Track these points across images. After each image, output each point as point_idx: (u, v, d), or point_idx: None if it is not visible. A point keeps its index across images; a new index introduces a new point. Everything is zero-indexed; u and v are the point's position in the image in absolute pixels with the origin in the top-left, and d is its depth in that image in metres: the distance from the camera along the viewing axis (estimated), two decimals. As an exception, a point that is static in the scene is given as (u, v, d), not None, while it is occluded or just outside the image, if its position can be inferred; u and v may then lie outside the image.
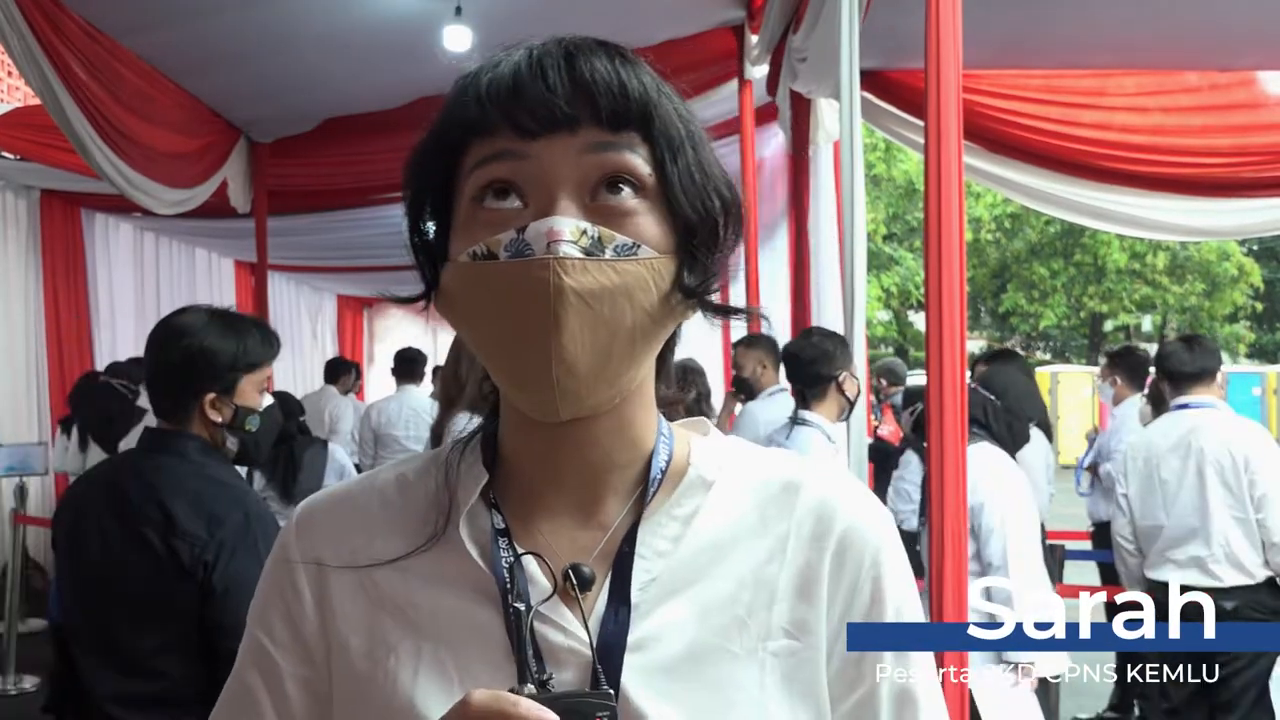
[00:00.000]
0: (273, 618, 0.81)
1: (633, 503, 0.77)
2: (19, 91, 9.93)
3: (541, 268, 0.67)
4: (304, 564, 0.80)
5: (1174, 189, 5.16)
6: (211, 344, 1.91)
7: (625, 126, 0.71)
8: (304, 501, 0.84)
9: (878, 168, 19.65)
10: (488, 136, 0.71)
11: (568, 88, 0.70)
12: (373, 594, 0.77)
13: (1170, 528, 3.76)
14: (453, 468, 0.80)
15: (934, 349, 2.36)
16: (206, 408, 1.93)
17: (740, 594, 0.75)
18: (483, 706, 0.60)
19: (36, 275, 7.50)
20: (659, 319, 0.72)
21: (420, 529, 0.78)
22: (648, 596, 0.74)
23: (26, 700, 5.42)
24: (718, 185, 0.75)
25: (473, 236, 0.71)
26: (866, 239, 3.80)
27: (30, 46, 4.17)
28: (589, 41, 0.74)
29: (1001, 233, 21.81)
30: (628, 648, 0.72)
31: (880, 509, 0.81)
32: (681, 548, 0.76)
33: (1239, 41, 4.51)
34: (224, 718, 0.83)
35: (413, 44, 5.42)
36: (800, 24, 4.14)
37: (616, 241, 0.69)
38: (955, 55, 2.37)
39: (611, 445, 0.77)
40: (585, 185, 0.70)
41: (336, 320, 13.74)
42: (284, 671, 0.79)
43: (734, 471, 0.80)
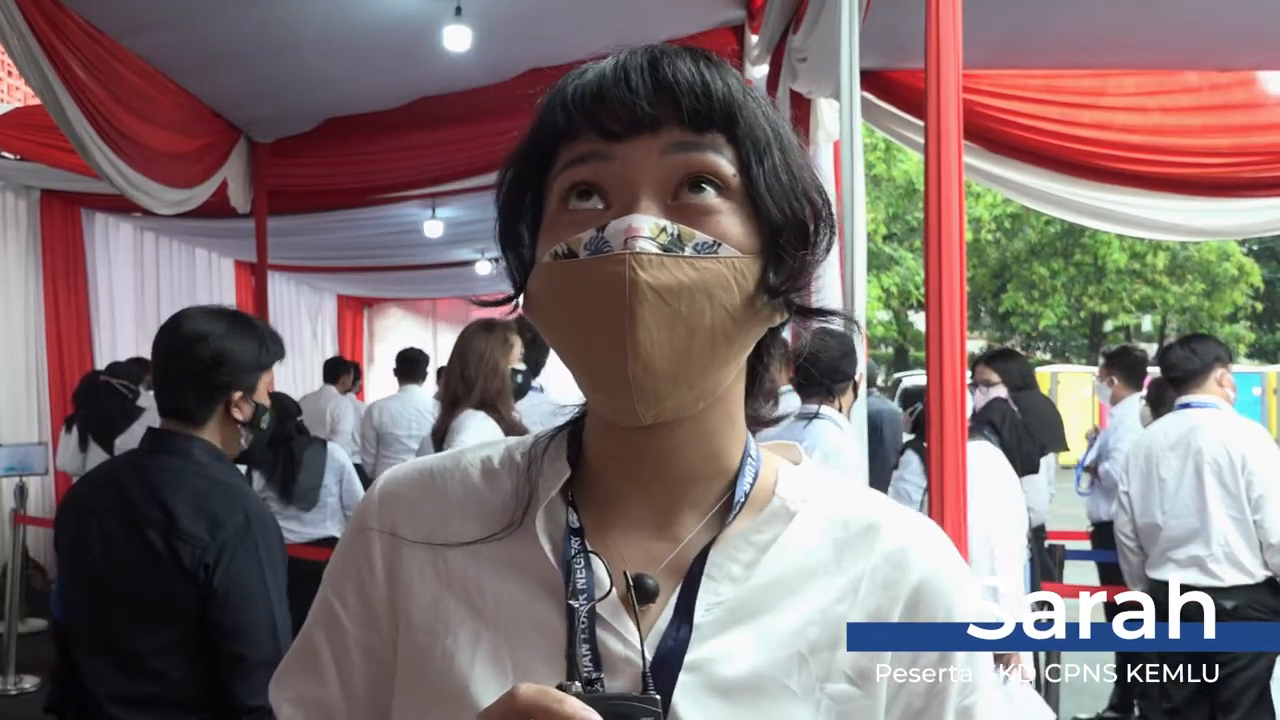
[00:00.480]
0: (345, 583, 0.82)
1: (709, 520, 0.77)
2: (19, 91, 9.93)
3: (618, 263, 0.67)
4: (380, 533, 0.81)
5: (1174, 189, 5.16)
6: (236, 345, 1.95)
7: (709, 127, 0.71)
8: (389, 471, 0.85)
9: (878, 168, 19.66)
10: (573, 141, 0.72)
11: (650, 89, 0.70)
12: (443, 573, 0.78)
13: (1169, 527, 3.76)
14: (536, 460, 0.80)
15: (934, 349, 2.36)
16: (232, 407, 1.97)
17: (806, 630, 0.74)
18: (528, 700, 0.60)
19: (36, 275, 7.50)
20: (741, 320, 0.71)
21: (498, 516, 0.79)
22: (711, 619, 0.73)
23: (26, 700, 5.42)
24: (807, 188, 0.75)
25: (556, 236, 0.71)
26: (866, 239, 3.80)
27: (30, 46, 4.17)
28: (675, 47, 0.73)
29: (1001, 233, 21.82)
30: (684, 667, 0.72)
31: (960, 563, 0.80)
32: (754, 575, 0.75)
33: (1239, 41, 4.51)
34: (290, 672, 0.85)
35: (413, 44, 5.42)
36: (800, 24, 4.14)
37: (696, 239, 0.69)
38: (955, 55, 2.37)
39: (693, 455, 0.76)
40: (668, 185, 0.70)
41: (336, 320, 13.73)
42: (349, 636, 0.81)
43: (817, 504, 0.79)
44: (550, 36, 5.28)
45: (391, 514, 0.81)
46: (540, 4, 5.30)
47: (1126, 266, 21.29)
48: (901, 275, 21.15)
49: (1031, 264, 22.27)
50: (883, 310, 22.20)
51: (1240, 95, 4.95)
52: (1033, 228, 21.64)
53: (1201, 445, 3.71)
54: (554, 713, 0.60)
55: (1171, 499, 3.76)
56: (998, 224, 21.32)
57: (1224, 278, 21.06)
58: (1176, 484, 3.75)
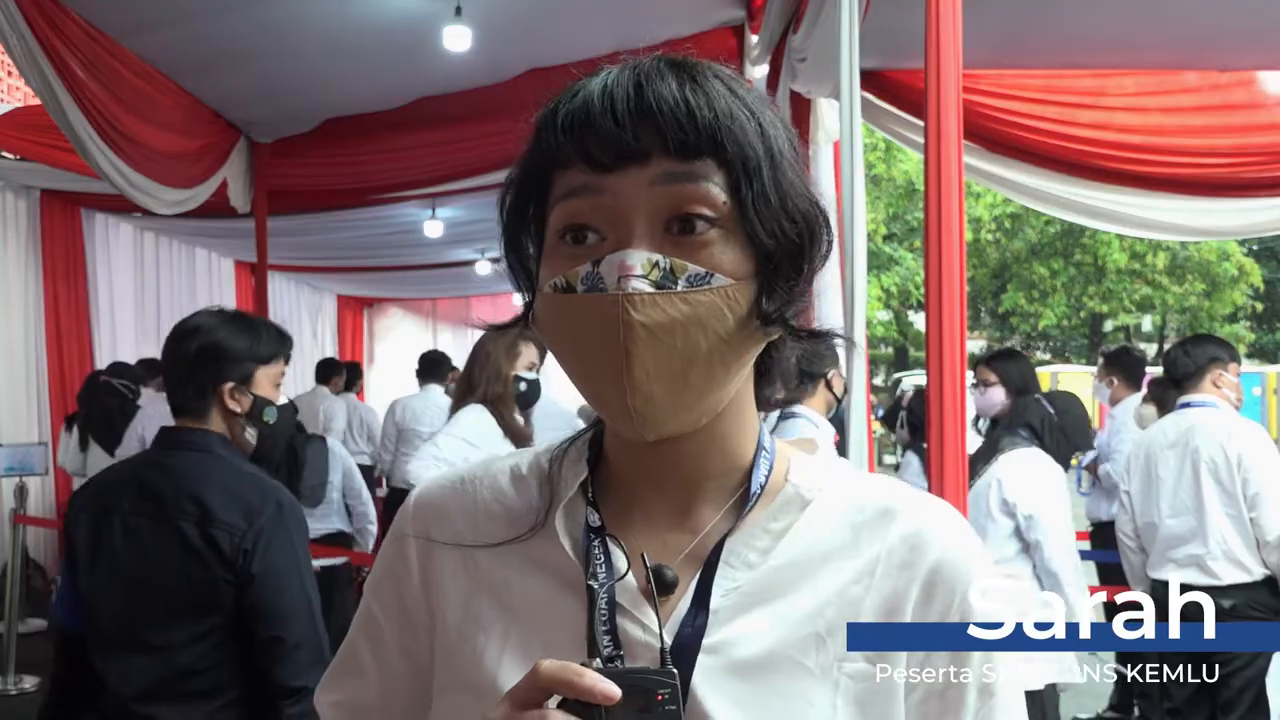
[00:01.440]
0: (384, 588, 0.86)
1: (726, 512, 0.79)
2: (19, 91, 9.92)
3: (611, 304, 0.69)
4: (415, 538, 0.85)
5: (1174, 189, 5.16)
6: (225, 337, 2.01)
7: (696, 155, 0.71)
8: (425, 481, 0.89)
9: (878, 168, 19.65)
10: (566, 169, 0.73)
11: (635, 119, 0.71)
12: (473, 574, 0.82)
13: (1168, 526, 3.77)
14: (556, 462, 0.84)
15: (934, 349, 2.36)
16: (226, 398, 2.00)
17: (823, 611, 0.75)
18: (550, 675, 0.64)
19: (36, 275, 7.50)
20: (737, 344, 0.72)
21: (523, 518, 0.82)
22: (728, 603, 0.75)
23: (26, 700, 5.42)
24: (798, 204, 0.75)
25: (555, 267, 0.73)
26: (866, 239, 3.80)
27: (30, 46, 4.17)
28: (660, 65, 0.73)
29: (1001, 233, 21.81)
30: (702, 649, 0.73)
31: (976, 545, 0.81)
32: (770, 560, 0.77)
33: (1239, 41, 4.51)
34: (334, 677, 0.89)
35: (413, 44, 5.42)
36: (800, 24, 4.14)
37: (689, 272, 0.70)
38: (955, 55, 2.37)
39: (705, 459, 0.78)
40: (659, 217, 0.72)
41: (336, 320, 13.73)
42: (388, 639, 0.85)
43: (832, 492, 0.80)
44: (550, 36, 5.28)
45: (425, 520, 0.85)
46: (540, 4, 5.30)
47: (1126, 266, 21.28)
48: (901, 275, 21.15)
49: (1031, 264, 22.27)
50: (883, 310, 22.20)
51: (1240, 95, 4.95)
52: (1033, 228, 21.63)
53: (1199, 444, 3.71)
54: (574, 685, 0.63)
55: (1170, 498, 3.76)
56: (998, 224, 21.31)
57: (1224, 278, 21.05)
58: (1175, 483, 3.76)
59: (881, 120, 4.99)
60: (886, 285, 20.82)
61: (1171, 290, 21.35)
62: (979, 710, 0.77)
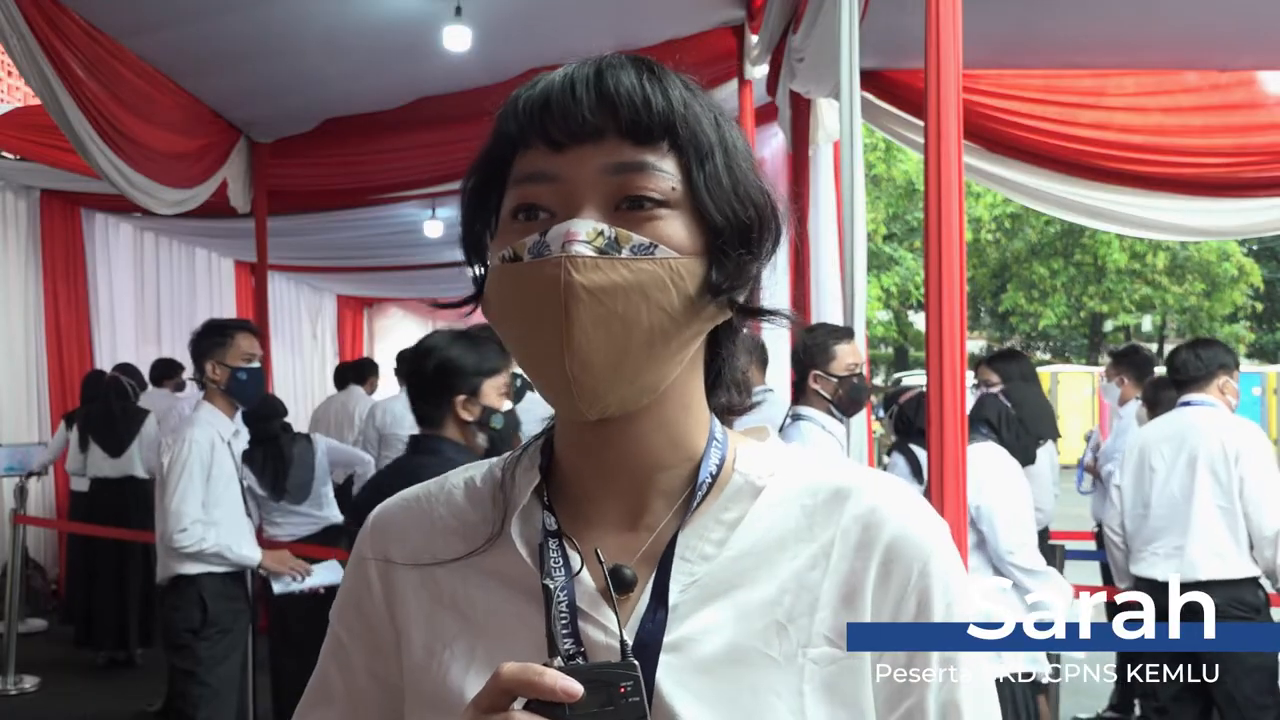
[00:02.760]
0: (349, 613, 0.86)
1: (679, 506, 0.79)
2: (19, 91, 9.93)
3: (554, 266, 0.70)
4: (375, 560, 0.84)
5: (1174, 189, 5.16)
6: (456, 355, 2.32)
7: (649, 139, 0.73)
8: (382, 503, 0.89)
9: (878, 168, 19.66)
10: (524, 149, 0.75)
11: (593, 100, 0.73)
12: (434, 591, 0.81)
13: (1155, 516, 3.76)
14: (508, 471, 0.84)
15: (934, 349, 2.36)
16: (458, 409, 2.31)
17: (781, 599, 0.75)
18: (511, 677, 0.64)
19: (36, 275, 7.50)
20: (681, 319, 0.73)
21: (480, 530, 0.81)
22: (687, 598, 0.75)
23: (27, 700, 5.42)
24: (750, 190, 0.76)
25: (505, 242, 0.75)
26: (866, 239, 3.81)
27: (30, 46, 4.17)
28: (621, 59, 0.76)
29: (1001, 233, 21.81)
30: (664, 648, 0.73)
31: (933, 518, 0.80)
32: (725, 552, 0.77)
33: (1239, 41, 4.51)
34: (306, 706, 0.89)
35: (413, 44, 5.42)
36: (800, 24, 4.14)
37: (634, 241, 0.72)
38: (955, 55, 2.37)
39: (653, 445, 0.78)
40: (609, 200, 0.73)
41: (337, 320, 13.73)
42: (356, 663, 0.85)
43: (784, 478, 0.80)
44: (550, 36, 5.28)
45: (383, 541, 0.85)
46: (540, 4, 5.31)
47: (1126, 266, 21.29)
48: (901, 275, 21.15)
49: (1031, 264, 22.27)
50: (883, 310, 22.20)
51: (1240, 95, 4.95)
52: (1033, 228, 21.64)
53: (1198, 438, 3.71)
54: (536, 685, 0.63)
55: (1161, 488, 3.76)
56: (998, 224, 21.32)
57: (1224, 278, 21.06)
58: (1168, 473, 3.75)
59: (881, 120, 4.99)
60: (886, 285, 20.83)
61: (1171, 290, 21.36)
62: (943, 683, 0.77)
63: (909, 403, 3.65)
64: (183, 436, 3.52)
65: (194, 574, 3.48)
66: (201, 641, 3.49)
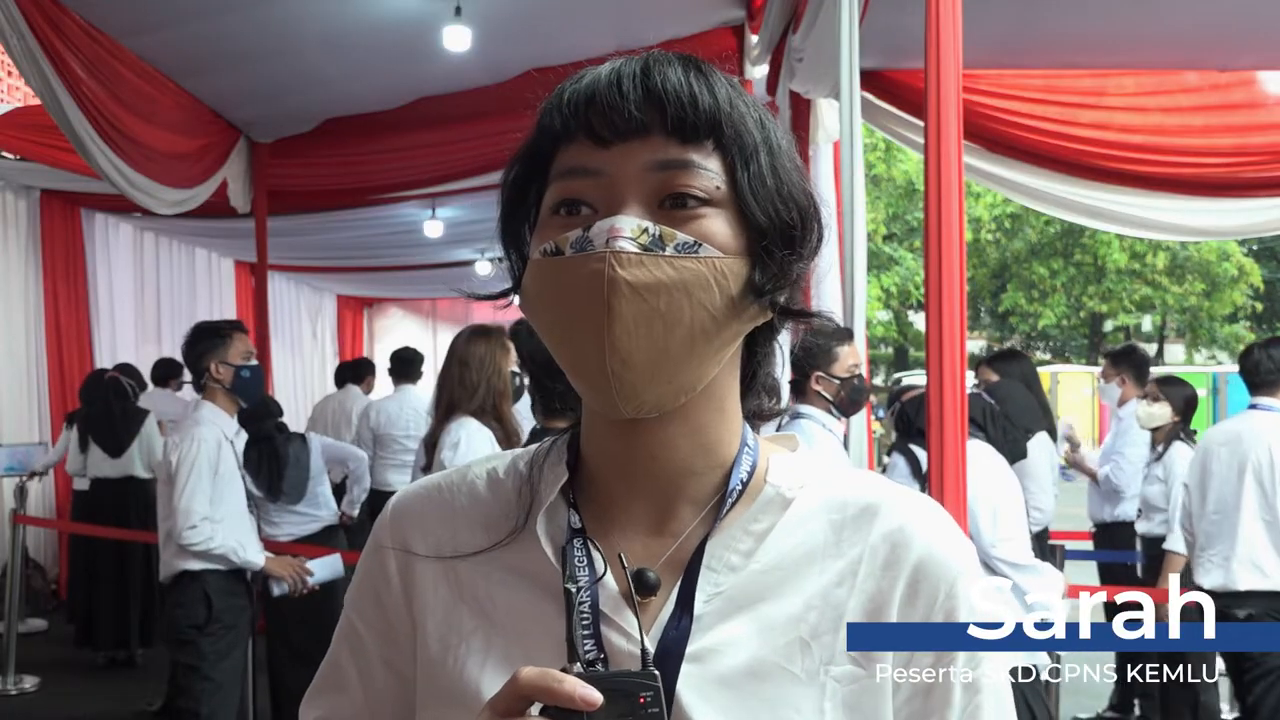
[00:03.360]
0: (364, 601, 0.85)
1: (707, 513, 0.78)
2: (19, 91, 9.92)
3: (598, 260, 0.70)
4: (394, 550, 0.83)
5: (1174, 189, 5.16)
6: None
7: (694, 136, 0.73)
8: (400, 491, 0.88)
9: (878, 168, 19.66)
10: (568, 144, 0.75)
11: (639, 96, 0.72)
12: (454, 584, 0.81)
13: (1208, 522, 3.74)
14: (537, 465, 0.83)
15: (934, 349, 2.36)
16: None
17: (806, 615, 0.75)
18: (530, 682, 0.63)
19: (36, 275, 7.50)
20: (723, 319, 0.72)
21: (503, 524, 0.81)
22: (711, 609, 0.74)
23: (27, 700, 5.42)
24: (793, 191, 0.76)
25: (547, 236, 0.74)
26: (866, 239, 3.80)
27: (30, 46, 4.17)
28: (668, 55, 0.75)
29: (1001, 233, 21.81)
30: (686, 658, 0.73)
31: (961, 540, 0.80)
32: (752, 563, 0.76)
33: (1239, 41, 4.51)
34: (318, 691, 0.89)
35: (413, 44, 5.42)
36: (800, 24, 4.14)
37: (678, 240, 0.71)
38: (955, 55, 2.37)
39: (684, 450, 0.77)
40: (654, 197, 0.73)
41: (336, 320, 13.73)
42: (371, 652, 0.84)
43: (814, 490, 0.79)
44: (550, 36, 5.28)
45: (403, 531, 0.84)
46: (540, 4, 5.31)
47: (1126, 266, 21.28)
48: (901, 275, 21.14)
49: (1031, 264, 22.26)
50: (883, 310, 22.19)
51: (1240, 95, 4.95)
52: (1033, 228, 21.63)
53: (1251, 444, 3.69)
54: (554, 691, 0.62)
55: (1216, 493, 3.74)
56: (998, 224, 21.31)
57: (1224, 278, 21.05)
58: (1222, 478, 3.73)
59: (881, 120, 4.99)
60: (886, 285, 20.81)
61: (1171, 290, 21.35)
62: (965, 707, 0.77)
63: (910, 403, 3.65)
64: (191, 435, 3.51)
65: (198, 570, 3.49)
66: (206, 637, 3.50)
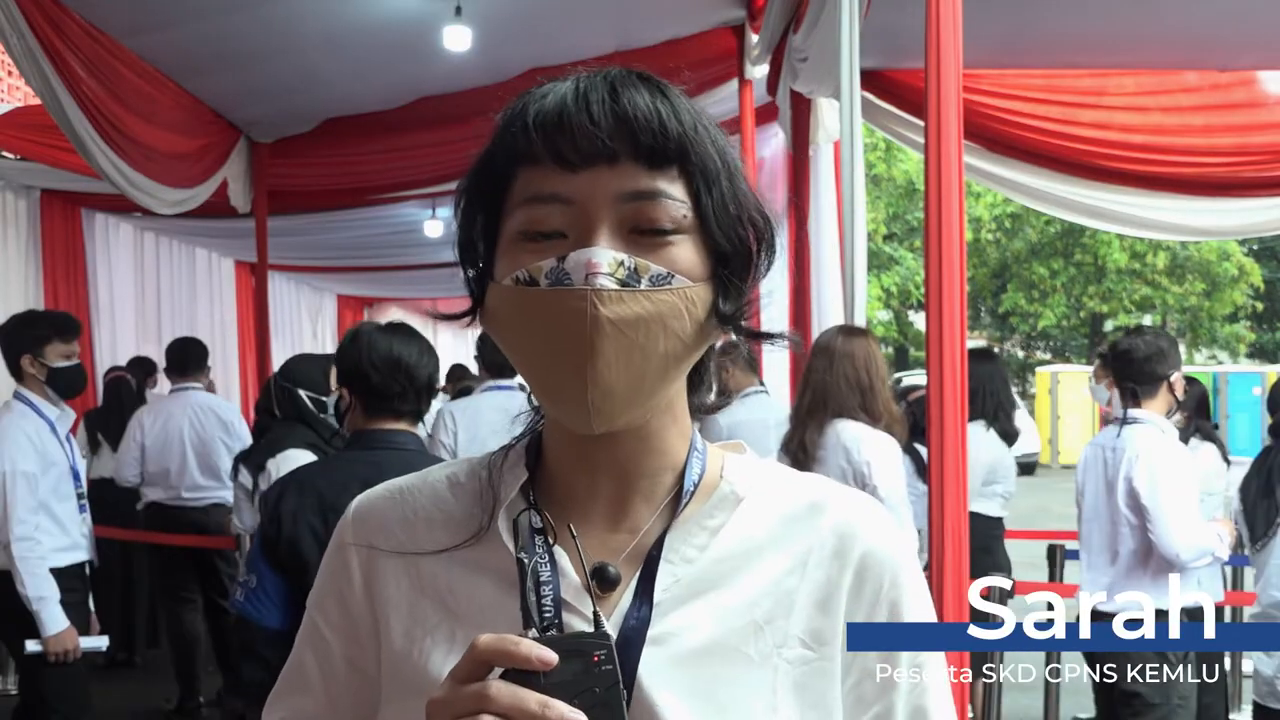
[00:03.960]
0: (327, 601, 0.87)
1: (662, 510, 0.81)
2: (19, 91, 9.93)
3: (579, 298, 0.71)
4: (357, 547, 0.85)
5: (1174, 189, 5.16)
6: None
7: (663, 163, 0.74)
8: (362, 494, 0.90)
9: (878, 168, 19.66)
10: (534, 166, 0.75)
11: (610, 122, 0.73)
12: (416, 581, 0.82)
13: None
14: (496, 467, 0.85)
15: (934, 349, 2.36)
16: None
17: (760, 601, 0.78)
18: (487, 647, 0.65)
19: (36, 275, 7.49)
20: (691, 344, 0.76)
21: (465, 524, 0.83)
22: (670, 597, 0.78)
23: (27, 700, 5.41)
24: (751, 214, 0.79)
25: (516, 261, 0.75)
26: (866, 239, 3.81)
27: (30, 46, 4.17)
28: (631, 76, 0.77)
29: (1001, 233, 21.81)
30: (647, 640, 0.76)
31: (900, 534, 0.85)
32: (706, 555, 0.79)
33: (1239, 41, 4.51)
34: (281, 693, 0.90)
35: (413, 44, 5.42)
36: (800, 24, 4.14)
37: (652, 271, 0.73)
38: (955, 55, 2.37)
39: (641, 454, 0.81)
40: (624, 225, 0.74)
41: (337, 320, 13.74)
42: (334, 651, 0.86)
43: (764, 489, 0.83)
44: (550, 36, 5.28)
45: (366, 529, 0.86)
46: (540, 4, 5.31)
47: (1126, 266, 21.28)
48: (901, 275, 21.15)
49: (1031, 264, 22.27)
50: (883, 310, 22.20)
51: (1240, 95, 4.95)
52: (1033, 228, 21.63)
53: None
54: (511, 654, 0.65)
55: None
56: (998, 224, 21.31)
57: (1224, 278, 21.05)
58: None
59: (881, 120, 4.99)
60: (886, 285, 20.82)
61: (1171, 290, 21.35)
62: (911, 690, 0.80)
63: (916, 403, 3.65)
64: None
65: None
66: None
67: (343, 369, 2.27)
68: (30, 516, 3.44)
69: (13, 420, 3.53)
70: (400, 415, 2.24)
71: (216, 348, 8.86)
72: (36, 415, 3.57)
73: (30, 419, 3.55)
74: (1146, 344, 3.41)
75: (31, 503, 3.46)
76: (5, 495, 3.43)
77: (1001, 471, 4.32)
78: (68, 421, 3.76)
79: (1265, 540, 3.44)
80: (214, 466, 5.11)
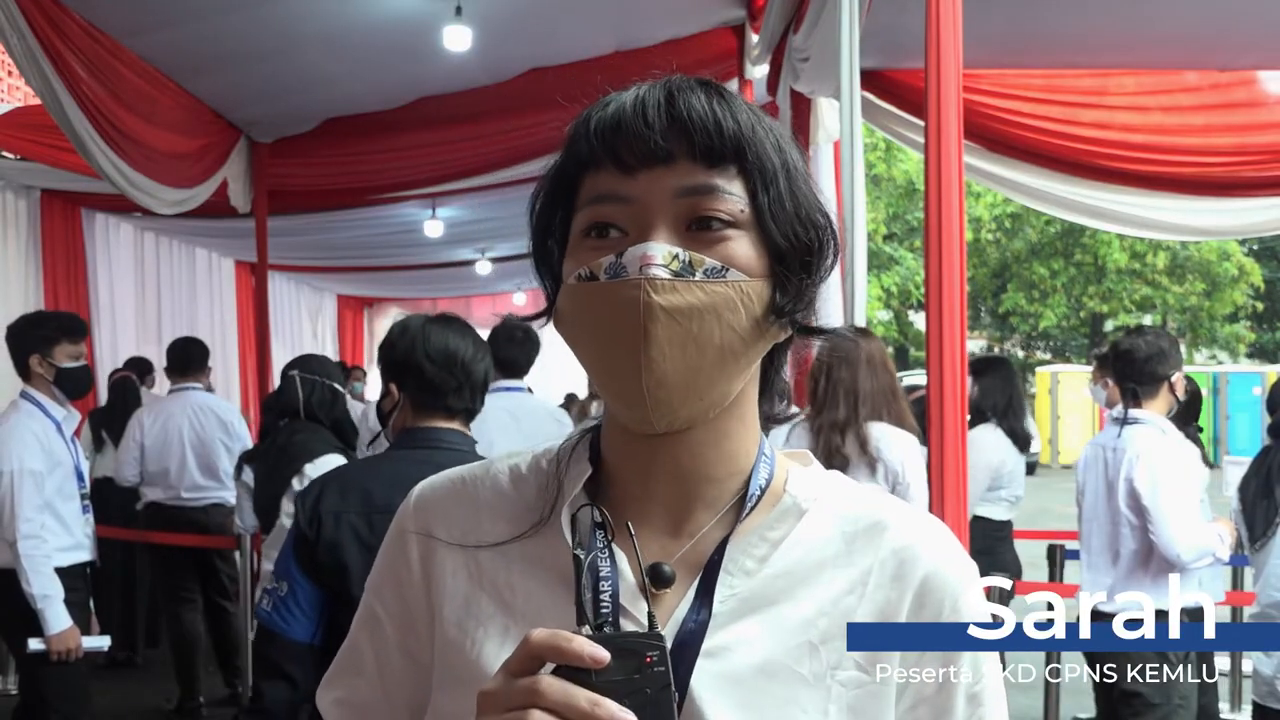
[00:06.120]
0: (385, 587, 0.88)
1: (722, 516, 0.81)
2: (19, 91, 9.93)
3: (633, 287, 0.73)
4: (416, 535, 0.86)
5: (1174, 189, 5.17)
6: None
7: (719, 161, 0.76)
8: (423, 481, 0.91)
9: (878, 168, 19.66)
10: (596, 170, 0.78)
11: (665, 124, 0.75)
12: (474, 573, 0.83)
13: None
14: (563, 461, 0.86)
15: (934, 349, 2.36)
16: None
17: (817, 620, 0.78)
18: (540, 642, 0.66)
19: (36, 275, 7.49)
20: (749, 339, 0.76)
21: (526, 517, 0.84)
22: (726, 609, 0.77)
23: (27, 700, 5.41)
24: (810, 213, 0.79)
25: (580, 260, 0.77)
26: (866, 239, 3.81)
27: (31, 46, 4.17)
28: (690, 81, 0.79)
29: (1001, 233, 21.81)
30: (701, 653, 0.76)
31: (965, 558, 0.84)
32: (766, 569, 0.79)
33: (1239, 41, 4.51)
34: (336, 675, 0.92)
35: (413, 44, 5.43)
36: (801, 23, 4.14)
37: (706, 264, 0.75)
38: (955, 55, 2.37)
39: (706, 457, 0.80)
40: (681, 221, 0.76)
41: (337, 320, 13.74)
42: (389, 638, 0.87)
43: (827, 503, 0.83)
44: (550, 36, 5.29)
45: (426, 518, 0.87)
46: (540, 4, 5.30)
47: (1126, 266, 21.28)
48: (901, 275, 21.15)
49: (1031, 264, 22.26)
50: (883, 310, 22.19)
51: (1240, 95, 4.96)
52: (1033, 228, 21.63)
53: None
54: (564, 650, 0.65)
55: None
56: (998, 224, 21.31)
57: (1224, 278, 21.05)
58: None
59: (881, 120, 4.99)
60: (886, 285, 20.82)
61: (1171, 290, 21.35)
62: (969, 717, 0.80)
63: (915, 403, 3.65)
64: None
65: None
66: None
67: (392, 362, 2.07)
68: (36, 515, 3.44)
69: (20, 420, 3.54)
70: (453, 414, 2.07)
71: (216, 348, 8.86)
72: (43, 415, 3.57)
73: (37, 419, 3.56)
74: (1148, 344, 3.41)
75: (38, 501, 3.46)
76: (12, 494, 3.44)
77: (1009, 475, 4.30)
78: (73, 422, 3.76)
79: (1264, 540, 3.44)
80: (213, 466, 5.10)
